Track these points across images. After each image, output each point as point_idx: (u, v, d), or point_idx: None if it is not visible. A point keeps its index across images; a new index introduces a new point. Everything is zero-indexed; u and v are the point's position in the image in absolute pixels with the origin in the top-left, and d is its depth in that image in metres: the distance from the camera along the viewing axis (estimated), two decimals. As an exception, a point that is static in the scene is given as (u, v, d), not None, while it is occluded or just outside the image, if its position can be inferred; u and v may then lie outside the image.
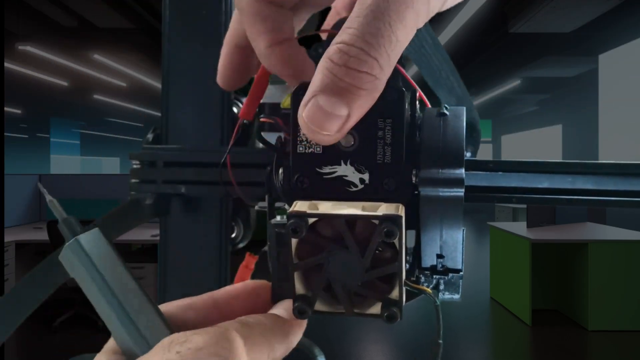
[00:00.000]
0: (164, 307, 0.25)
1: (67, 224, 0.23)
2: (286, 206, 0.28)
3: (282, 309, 0.26)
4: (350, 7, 0.30)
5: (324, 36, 0.31)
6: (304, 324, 0.25)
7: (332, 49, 0.21)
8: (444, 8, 0.22)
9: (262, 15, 0.25)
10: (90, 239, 0.23)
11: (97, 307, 0.23)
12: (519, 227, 4.56)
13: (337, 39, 0.21)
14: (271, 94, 0.37)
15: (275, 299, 0.27)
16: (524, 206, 6.24)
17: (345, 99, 0.20)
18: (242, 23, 0.27)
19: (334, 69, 0.20)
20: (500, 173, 0.30)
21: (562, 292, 4.39)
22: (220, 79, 0.30)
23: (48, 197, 0.24)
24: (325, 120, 0.21)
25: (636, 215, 5.96)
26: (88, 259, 0.22)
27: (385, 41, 0.20)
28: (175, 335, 0.21)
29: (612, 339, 3.82)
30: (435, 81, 0.36)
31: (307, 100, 0.21)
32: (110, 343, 0.24)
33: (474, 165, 0.30)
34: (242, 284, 0.28)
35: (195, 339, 0.20)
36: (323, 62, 0.21)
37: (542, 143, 12.35)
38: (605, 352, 3.72)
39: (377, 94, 0.21)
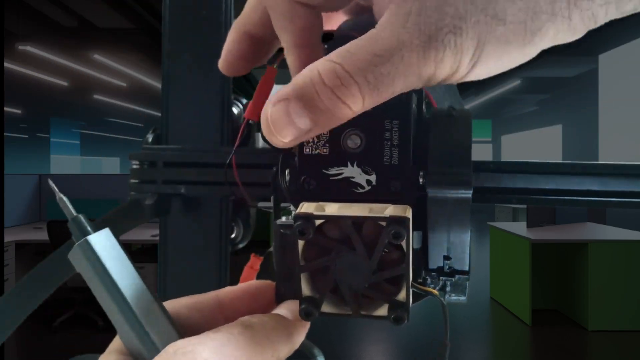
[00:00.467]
0: (170, 305, 0.25)
1: (76, 223, 0.23)
2: (291, 207, 0.28)
3: (286, 309, 0.26)
4: (351, 10, 0.30)
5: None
6: (307, 324, 0.25)
7: (326, 66, 0.20)
8: (453, 81, 0.22)
9: (292, 15, 0.25)
10: (101, 239, 0.23)
11: (105, 307, 0.22)
12: (519, 227, 4.56)
13: (336, 58, 0.20)
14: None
15: (279, 299, 0.27)
16: (524, 206, 6.24)
17: (314, 116, 0.20)
18: (256, 12, 0.27)
19: (319, 86, 0.20)
20: (506, 174, 0.30)
21: (562, 292, 4.39)
22: (222, 63, 0.29)
23: (58, 195, 0.23)
24: (286, 127, 0.20)
25: (636, 215, 5.96)
26: (97, 259, 0.22)
27: (381, 86, 0.20)
28: (180, 343, 0.21)
29: (612, 339, 3.83)
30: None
31: (278, 100, 0.20)
32: (116, 343, 0.23)
33: (480, 167, 0.29)
34: (246, 284, 0.28)
35: (199, 350, 0.20)
36: (310, 73, 0.20)
37: (542, 143, 12.36)
38: (605, 352, 3.72)
39: (345, 120, 0.21)
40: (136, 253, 4.59)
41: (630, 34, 7.13)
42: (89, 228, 0.23)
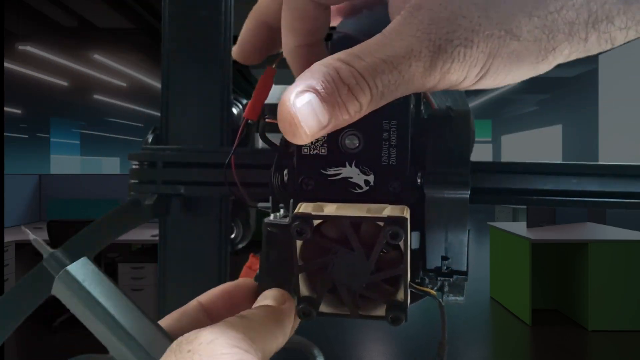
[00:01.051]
0: (160, 323, 0.25)
1: (53, 258, 0.23)
2: (288, 206, 0.28)
3: (269, 298, 0.26)
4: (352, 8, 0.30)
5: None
6: (293, 309, 0.25)
7: (341, 65, 0.20)
8: (458, 89, 0.22)
9: (306, 15, 0.25)
10: (79, 268, 0.23)
11: (96, 332, 0.23)
12: (519, 227, 4.56)
13: (346, 59, 0.20)
14: (275, 95, 0.37)
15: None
16: (524, 206, 6.23)
17: (332, 110, 0.20)
18: (275, 3, 0.27)
19: (338, 82, 0.20)
20: (504, 175, 0.30)
21: (562, 292, 4.39)
22: (237, 52, 0.29)
23: (32, 237, 0.24)
24: (311, 118, 0.20)
25: (636, 215, 5.96)
26: (81, 287, 0.22)
27: (388, 90, 0.20)
28: (183, 336, 0.21)
29: (612, 339, 3.82)
30: None
31: (302, 90, 0.20)
32: None
33: (478, 167, 0.29)
34: (223, 285, 0.28)
35: (204, 333, 0.20)
36: (328, 69, 0.20)
37: (542, 143, 12.35)
38: (605, 352, 3.72)
39: (350, 122, 0.21)
40: (136, 253, 4.59)
41: (630, 34, 7.10)
42: (67, 261, 0.23)
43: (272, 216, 0.27)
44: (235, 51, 0.29)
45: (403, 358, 3.60)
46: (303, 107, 0.20)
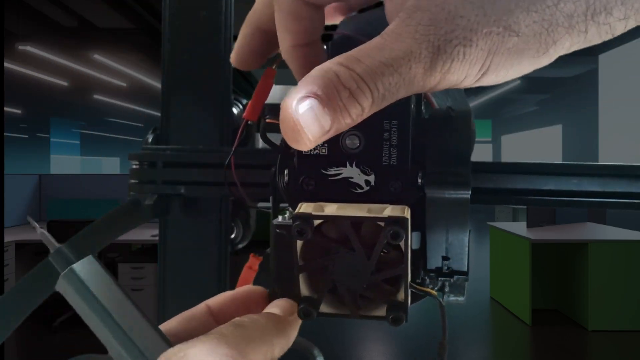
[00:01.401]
0: (167, 325, 0.25)
1: (60, 254, 0.23)
2: (289, 207, 0.28)
3: (277, 307, 0.26)
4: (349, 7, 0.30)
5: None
6: (299, 319, 0.25)
7: (341, 69, 0.20)
8: (460, 87, 0.22)
9: (298, 16, 0.25)
10: (84, 267, 0.23)
11: (96, 331, 0.23)
12: (519, 227, 4.56)
13: (346, 62, 0.20)
14: (275, 95, 0.37)
15: (273, 300, 0.27)
16: (524, 206, 6.22)
17: (334, 114, 0.20)
18: (269, 8, 0.27)
19: (339, 86, 0.20)
20: (505, 175, 0.30)
21: (562, 292, 4.39)
22: (235, 58, 0.29)
23: (39, 230, 0.24)
24: (314, 124, 0.20)
25: (636, 215, 5.96)
26: (84, 286, 0.23)
27: (389, 92, 0.20)
28: (171, 351, 0.21)
29: (612, 339, 3.82)
30: None
31: (303, 96, 0.20)
32: None
33: (479, 167, 0.29)
34: (235, 290, 0.28)
35: (192, 353, 0.20)
36: (328, 74, 0.20)
37: (542, 143, 12.35)
38: (605, 352, 3.72)
39: (352, 125, 0.21)
40: (136, 253, 4.59)
41: (631, 34, 7.11)
42: (72, 257, 0.23)
43: (280, 218, 0.27)
44: (233, 57, 0.29)
45: (403, 358, 3.60)
46: (305, 113, 0.20)
